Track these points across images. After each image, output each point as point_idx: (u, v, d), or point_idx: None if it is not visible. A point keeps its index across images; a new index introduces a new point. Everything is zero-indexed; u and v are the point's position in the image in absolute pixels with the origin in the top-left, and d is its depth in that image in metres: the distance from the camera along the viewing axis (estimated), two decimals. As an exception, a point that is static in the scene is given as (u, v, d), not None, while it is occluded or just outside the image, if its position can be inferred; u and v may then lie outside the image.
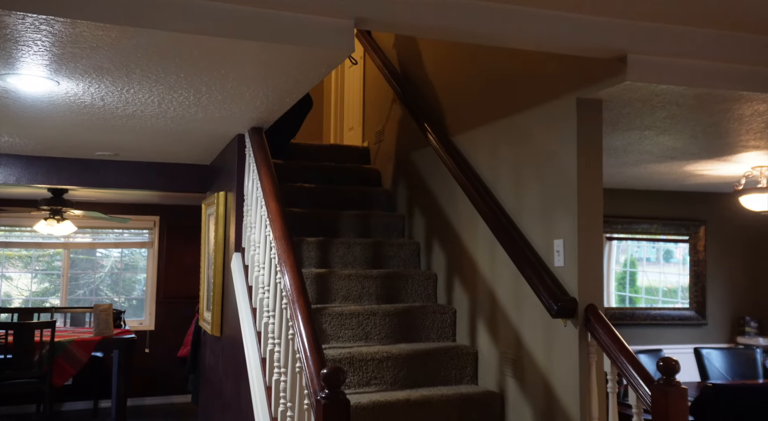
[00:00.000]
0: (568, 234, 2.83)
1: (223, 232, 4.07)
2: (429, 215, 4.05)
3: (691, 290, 6.13)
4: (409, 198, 4.36)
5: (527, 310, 3.05)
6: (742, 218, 5.93)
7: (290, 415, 2.47)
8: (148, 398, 7.63)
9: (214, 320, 4.06)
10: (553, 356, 2.87)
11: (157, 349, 7.56)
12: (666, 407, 2.21)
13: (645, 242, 6.43)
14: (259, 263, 3.24)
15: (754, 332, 5.78)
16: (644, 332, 5.90)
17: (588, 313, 2.72)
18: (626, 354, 2.49)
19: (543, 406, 2.91)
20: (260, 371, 2.99)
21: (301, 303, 2.47)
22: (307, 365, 2.20)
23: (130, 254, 8.33)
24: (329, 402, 1.92)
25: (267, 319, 2.99)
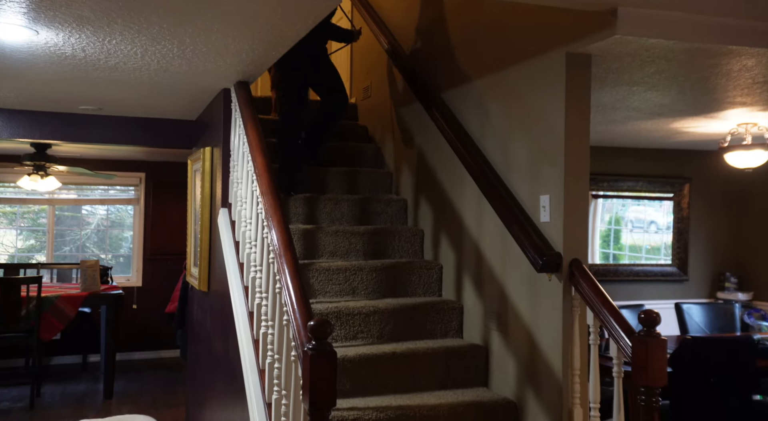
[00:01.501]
0: (555, 190, 2.84)
1: (209, 187, 4.05)
2: (417, 171, 4.04)
3: (673, 247, 6.21)
4: (397, 154, 4.34)
5: (513, 265, 3.09)
6: (726, 175, 5.98)
7: (277, 367, 2.50)
8: (137, 352, 7.70)
9: (201, 276, 4.07)
10: (537, 310, 2.91)
11: (144, 305, 7.60)
12: (645, 358, 2.26)
13: (630, 201, 6.48)
14: (246, 219, 3.24)
15: (733, 288, 5.89)
16: (627, 287, 6.00)
17: (572, 267, 2.75)
18: (609, 307, 2.53)
19: (526, 358, 2.97)
20: (248, 325, 3.02)
21: (288, 257, 2.48)
22: (294, 318, 2.22)
23: (116, 211, 8.29)
24: (316, 353, 1.94)
25: (254, 273, 3.00)
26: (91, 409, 5.53)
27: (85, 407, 5.66)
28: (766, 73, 3.14)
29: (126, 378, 6.70)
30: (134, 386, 6.46)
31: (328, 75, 4.29)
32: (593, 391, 2.62)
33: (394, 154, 4.38)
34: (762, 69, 3.07)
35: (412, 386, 3.08)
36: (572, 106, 2.79)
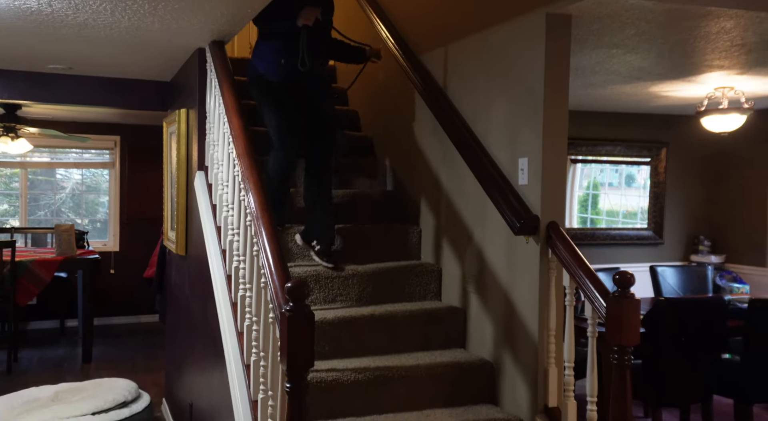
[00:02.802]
0: (533, 153, 2.84)
1: (185, 150, 3.99)
2: (396, 135, 4.01)
3: (650, 211, 6.28)
4: (375, 118, 4.30)
5: (491, 228, 3.10)
6: (702, 140, 6.03)
7: (255, 329, 2.50)
8: (116, 317, 7.68)
9: (178, 240, 4.04)
10: (515, 272, 2.94)
11: (122, 270, 7.55)
12: (619, 317, 2.29)
13: (608, 166, 6.52)
14: (223, 181, 3.20)
15: (706, 251, 6.00)
16: (604, 251, 6.08)
17: (549, 230, 2.77)
18: (584, 269, 2.56)
19: (503, 320, 3.00)
20: (226, 288, 3.01)
21: (266, 220, 2.46)
22: (272, 280, 2.21)
23: (91, 175, 8.16)
24: (294, 314, 1.94)
25: (232, 236, 2.98)
26: (69, 373, 5.52)
27: (64, 371, 5.65)
28: (744, 35, 3.14)
29: (105, 343, 6.69)
30: (113, 350, 6.46)
31: (323, 108, 3.54)
32: (568, 351, 2.66)
33: (373, 118, 4.34)
34: (740, 31, 3.07)
35: (390, 348, 3.11)
36: (552, 68, 2.77)
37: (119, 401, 3.85)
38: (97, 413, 3.70)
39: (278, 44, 3.36)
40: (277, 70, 3.36)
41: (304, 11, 3.27)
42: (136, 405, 3.96)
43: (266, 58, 3.39)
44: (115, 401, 3.82)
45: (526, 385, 2.82)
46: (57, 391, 4.08)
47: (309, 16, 3.27)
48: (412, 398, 2.87)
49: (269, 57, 3.38)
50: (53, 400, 3.91)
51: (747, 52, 3.49)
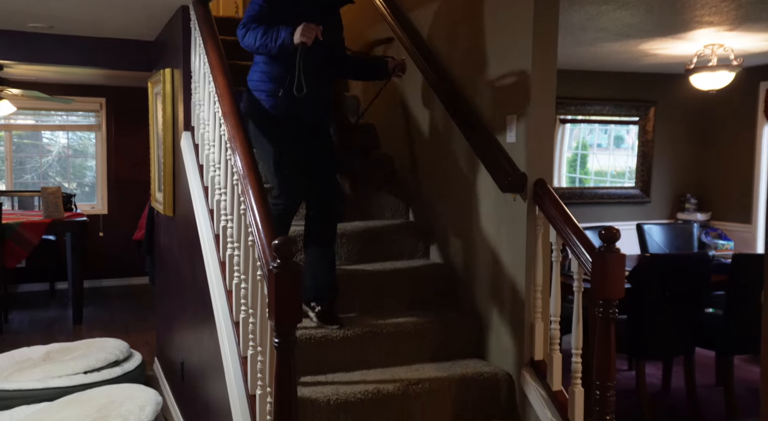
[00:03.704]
0: (521, 110, 2.83)
1: (171, 110, 3.94)
2: (384, 94, 3.97)
3: (637, 170, 6.31)
4: (364, 82, 4.25)
5: (479, 185, 3.10)
6: (690, 98, 6.02)
7: (244, 286, 2.52)
8: (106, 280, 7.70)
9: (166, 200, 4.02)
10: (502, 230, 2.96)
11: (111, 233, 7.53)
12: (605, 272, 2.32)
13: (597, 127, 6.52)
14: (209, 141, 3.18)
15: (693, 208, 6.05)
16: (592, 210, 6.12)
17: (537, 187, 2.78)
18: (571, 225, 2.58)
19: (491, 276, 3.03)
20: (214, 248, 3.01)
21: (252, 178, 2.45)
22: (259, 238, 2.22)
23: (78, 139, 8.07)
24: (281, 271, 1.95)
25: (219, 196, 2.97)
26: (60, 334, 5.56)
27: (55, 331, 5.68)
28: (735, -10, 3.12)
29: (95, 305, 6.71)
30: (104, 312, 6.49)
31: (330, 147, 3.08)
32: (554, 306, 2.70)
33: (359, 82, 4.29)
34: (730, -14, 3.05)
35: (378, 305, 3.14)
36: (540, 24, 2.74)
37: (111, 360, 3.89)
38: (89, 372, 3.74)
39: (276, 69, 2.87)
40: (277, 102, 2.87)
41: (302, 27, 2.69)
42: (128, 364, 4.00)
43: (262, 87, 2.91)
44: (106, 360, 3.86)
45: (513, 339, 2.87)
46: (48, 351, 4.11)
47: (308, 33, 2.69)
48: (400, 353, 2.91)
49: (266, 86, 2.90)
50: (45, 359, 3.94)
51: (737, 7, 3.47)
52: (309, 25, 2.70)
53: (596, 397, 2.38)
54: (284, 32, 2.72)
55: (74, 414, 3.04)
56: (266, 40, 2.74)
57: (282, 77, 2.85)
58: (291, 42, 2.70)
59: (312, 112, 2.95)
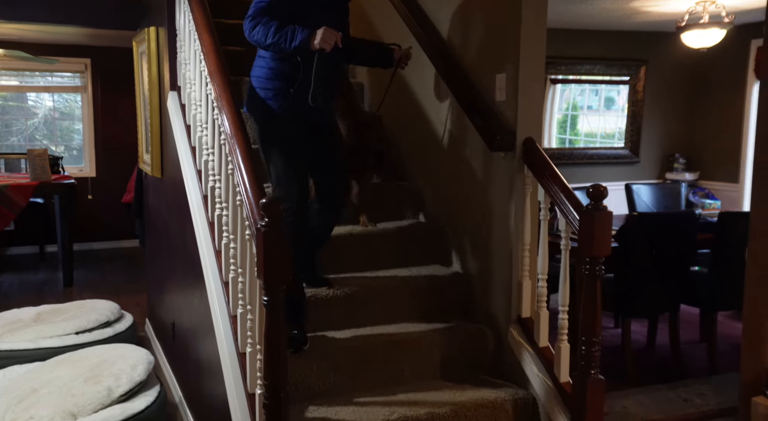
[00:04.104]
0: (510, 68, 2.80)
1: (156, 70, 3.88)
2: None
3: (627, 130, 6.31)
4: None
5: (468, 145, 3.10)
6: (681, 57, 5.99)
7: (233, 246, 2.52)
8: (96, 243, 7.69)
9: (154, 162, 3.99)
10: (491, 189, 2.96)
11: (100, 196, 7.49)
12: (591, 229, 2.33)
13: (588, 88, 6.48)
14: (196, 101, 3.14)
15: (681, 168, 6.07)
16: (581, 170, 6.13)
17: (525, 146, 2.78)
18: (559, 183, 2.58)
19: (479, 235, 3.05)
20: (202, 208, 3.00)
21: (239, 138, 2.43)
22: (247, 197, 2.21)
23: (64, 101, 7.95)
24: (269, 230, 1.95)
25: (207, 156, 2.95)
26: (51, 296, 5.57)
27: (45, 294, 5.69)
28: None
29: (86, 268, 6.72)
30: (95, 275, 6.50)
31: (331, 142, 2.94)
32: (542, 264, 2.72)
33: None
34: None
35: (369, 265, 3.16)
36: (530, -21, 2.70)
37: (102, 321, 3.91)
38: (80, 333, 3.77)
39: (286, 66, 2.67)
40: (284, 101, 2.69)
41: (322, 32, 2.50)
42: (119, 325, 4.02)
43: (268, 84, 2.71)
44: (97, 321, 3.88)
45: (501, 297, 2.90)
46: (39, 312, 4.12)
47: (329, 40, 2.51)
48: (388, 311, 2.94)
49: (272, 83, 2.71)
50: (36, 321, 3.96)
51: (729, -38, 3.42)
52: (330, 31, 2.51)
53: (582, 352, 2.42)
54: (301, 35, 2.50)
55: (66, 373, 3.07)
56: (280, 39, 2.52)
57: (292, 75, 2.66)
58: (308, 45, 2.50)
59: (321, 113, 2.82)
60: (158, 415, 3.07)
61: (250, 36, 2.61)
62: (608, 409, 3.39)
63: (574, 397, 2.49)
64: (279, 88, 2.69)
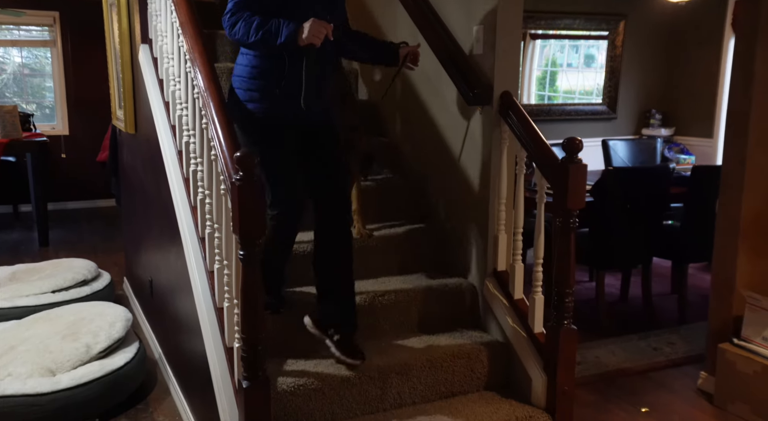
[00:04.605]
0: (488, 20, 2.77)
1: (127, 22, 3.78)
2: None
3: (605, 86, 6.30)
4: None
5: (445, 99, 3.08)
6: (660, 11, 5.96)
7: (208, 202, 2.50)
8: (72, 202, 7.59)
9: (127, 117, 3.92)
10: (469, 143, 2.96)
11: (75, 154, 7.36)
12: (566, 182, 2.35)
13: (567, 44, 6.43)
14: (168, 54, 3.07)
15: (657, 124, 6.11)
16: (559, 127, 6.14)
17: (502, 100, 2.77)
18: (535, 137, 2.58)
19: (456, 190, 3.06)
20: (177, 164, 2.96)
21: (213, 91, 2.38)
22: (221, 151, 2.18)
23: (34, 57, 7.72)
24: (244, 184, 1.94)
25: (180, 111, 2.90)
26: (27, 255, 5.51)
27: (21, 253, 5.63)
28: None
29: (62, 227, 6.64)
30: (71, 234, 6.43)
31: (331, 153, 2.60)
32: (517, 218, 2.75)
33: None
34: None
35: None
36: (508, -72, 2.65)
37: (79, 280, 3.89)
38: (56, 291, 3.75)
39: (269, 63, 2.41)
40: (271, 104, 2.42)
41: (310, 24, 2.24)
42: (97, 283, 4.01)
43: (251, 83, 2.43)
44: (74, 280, 3.86)
45: (477, 251, 2.93)
46: (14, 271, 4.09)
47: (318, 33, 2.25)
48: (366, 266, 2.96)
49: (256, 83, 2.43)
50: (11, 280, 3.93)
51: None
52: (319, 23, 2.25)
53: (555, 303, 2.47)
54: (287, 29, 2.24)
55: (43, 331, 3.06)
56: (264, 35, 2.26)
57: (278, 74, 2.39)
58: (296, 40, 2.25)
59: (316, 117, 2.53)
60: (138, 371, 3.09)
61: (231, 34, 2.35)
62: (581, 359, 3.49)
63: (547, 346, 2.54)
64: (263, 88, 2.41)
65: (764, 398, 2.86)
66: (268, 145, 2.44)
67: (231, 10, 2.34)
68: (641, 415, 2.99)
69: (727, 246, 3.09)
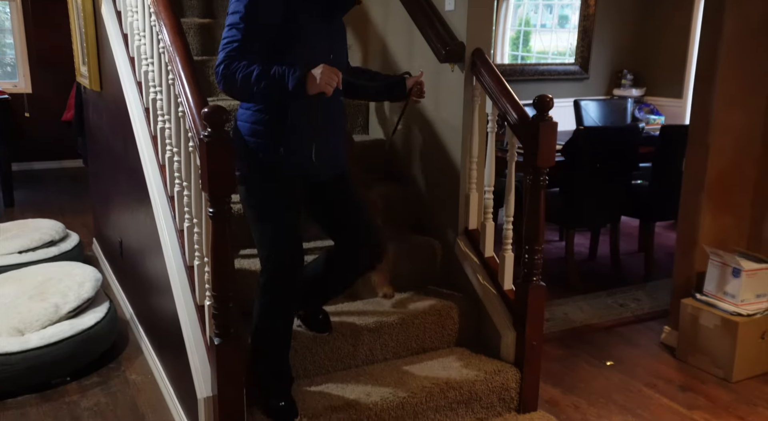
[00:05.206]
0: (460, -27, 2.73)
1: (88, -26, 3.65)
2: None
3: (578, 46, 6.28)
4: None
5: (418, 57, 3.04)
6: (634, -30, 5.91)
7: (177, 160, 2.47)
8: (37, 163, 7.43)
9: (91, 74, 3.81)
10: (440, 102, 2.94)
11: (39, 114, 7.17)
12: (537, 140, 2.36)
13: (542, 5, 6.38)
14: (131, 7, 2.98)
15: (629, 85, 6.13)
16: (532, 87, 6.12)
17: (474, 57, 2.75)
18: (507, 95, 2.58)
19: (428, 148, 3.05)
20: (144, 122, 2.91)
21: (179, 45, 2.32)
22: (189, 107, 2.14)
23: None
24: (212, 140, 1.90)
25: (146, 67, 2.83)
26: (-9, 216, 5.41)
27: (-15, 215, 5.53)
28: None
29: (27, 188, 6.51)
30: (38, 195, 6.31)
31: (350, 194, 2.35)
32: (488, 176, 2.76)
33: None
34: None
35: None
36: None
37: (46, 241, 3.83)
38: (23, 252, 3.69)
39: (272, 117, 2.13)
40: (279, 154, 2.13)
41: (320, 71, 1.96)
42: (65, 244, 3.95)
43: (258, 130, 2.13)
44: (41, 240, 3.80)
45: (449, 210, 2.95)
46: (-21, 232, 4.01)
47: (329, 81, 1.97)
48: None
49: (262, 130, 2.13)
50: (-24, 241, 3.85)
51: None
52: (330, 69, 1.97)
53: (525, 260, 2.50)
54: (293, 78, 1.95)
55: (11, 291, 3.02)
56: (264, 89, 1.97)
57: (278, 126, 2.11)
58: (304, 90, 1.96)
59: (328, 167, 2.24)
60: (109, 330, 3.08)
61: (226, 89, 2.03)
62: (550, 315, 3.56)
63: (516, 303, 2.59)
64: (269, 134, 2.12)
65: (723, 350, 2.96)
66: (277, 197, 2.17)
67: (223, 61, 2.00)
68: (606, 368, 3.07)
69: (692, 204, 3.15)
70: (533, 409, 2.61)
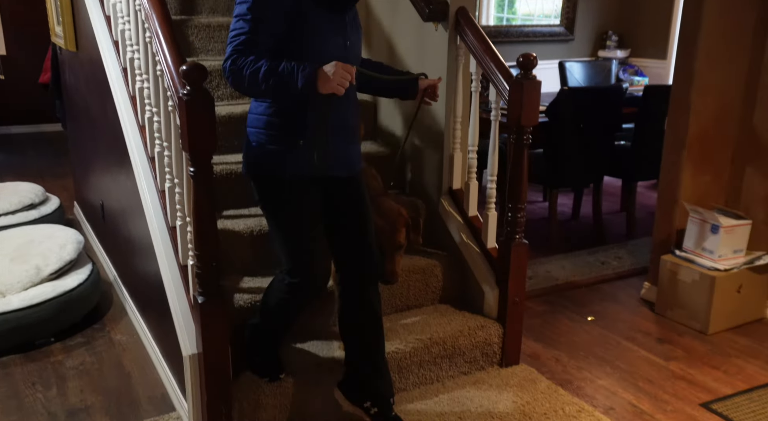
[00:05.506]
0: (443, -70, 2.68)
1: (61, -70, 3.53)
2: None
3: (563, 7, 6.23)
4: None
5: (401, 16, 3.01)
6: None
7: (157, 120, 2.43)
8: (15, 126, 7.30)
9: (67, 34, 3.72)
10: (424, 61, 2.92)
11: (14, 77, 7.00)
12: (520, 99, 2.35)
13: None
14: (107, -36, 2.90)
15: (613, 46, 6.11)
16: (517, 48, 6.05)
17: (458, 16, 2.71)
18: (491, 54, 2.56)
19: (412, 109, 3.03)
20: (122, 82, 2.85)
21: (156, 1, 2.27)
22: (167, 65, 2.10)
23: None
24: (191, 98, 1.87)
25: (123, 25, 2.76)
26: (-31, 180, 5.33)
27: (-38, 177, 5.44)
28: None
29: (5, 152, 6.41)
30: (15, 158, 6.22)
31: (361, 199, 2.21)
32: (472, 136, 2.75)
33: None
34: None
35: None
36: None
37: (25, 204, 3.79)
38: (2, 215, 3.65)
39: (289, 109, 2.02)
40: (294, 158, 2.02)
41: (333, 70, 1.86)
42: (45, 207, 3.91)
43: (270, 134, 2.03)
44: (20, 204, 3.76)
45: (433, 171, 2.95)
46: (-44, 196, 3.95)
47: (342, 80, 1.86)
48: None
49: (276, 134, 2.03)
50: (-46, 204, 3.80)
51: None
52: (343, 67, 1.86)
53: (508, 218, 2.52)
54: (303, 75, 1.85)
55: (-8, 254, 3.00)
56: (274, 86, 1.88)
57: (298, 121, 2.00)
58: (315, 87, 1.87)
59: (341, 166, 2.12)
60: (92, 292, 3.07)
61: (234, 83, 1.94)
62: (532, 273, 3.60)
63: (499, 260, 2.61)
64: (283, 139, 2.02)
65: (700, 303, 3.02)
66: (291, 203, 2.08)
67: (230, 56, 1.92)
68: (587, 323, 3.13)
69: (673, 162, 3.17)
70: (515, 363, 2.66)
